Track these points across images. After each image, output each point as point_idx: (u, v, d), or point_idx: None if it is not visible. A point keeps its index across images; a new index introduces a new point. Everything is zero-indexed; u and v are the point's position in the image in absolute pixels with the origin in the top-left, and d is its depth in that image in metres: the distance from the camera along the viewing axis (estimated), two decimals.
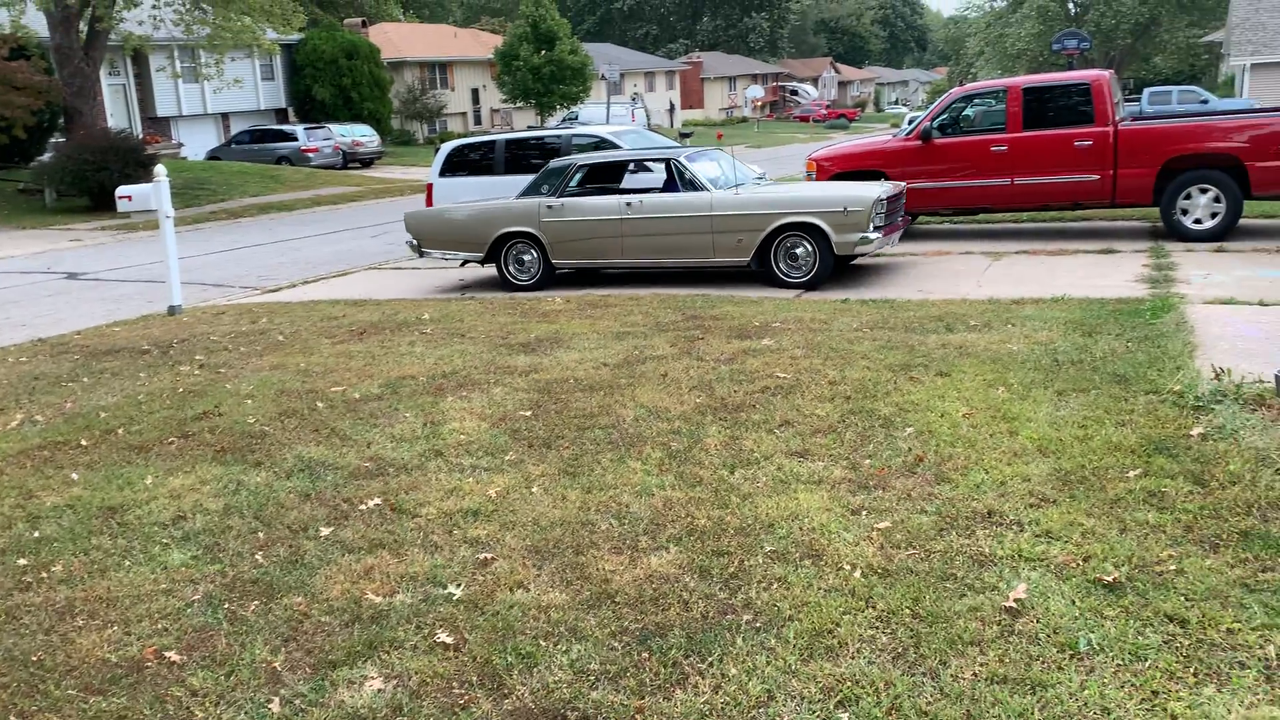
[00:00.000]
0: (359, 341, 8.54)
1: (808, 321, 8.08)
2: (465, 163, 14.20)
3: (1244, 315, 7.17)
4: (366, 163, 36.35)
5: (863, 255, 9.73)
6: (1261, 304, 7.53)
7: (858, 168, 12.25)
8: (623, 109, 38.33)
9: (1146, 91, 34.70)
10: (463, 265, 11.92)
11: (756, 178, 13.62)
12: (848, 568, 3.80)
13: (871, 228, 9.29)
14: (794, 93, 78.17)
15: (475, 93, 52.50)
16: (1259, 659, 3.05)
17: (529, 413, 6.06)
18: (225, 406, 6.65)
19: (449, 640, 3.50)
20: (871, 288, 9.56)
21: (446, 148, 14.55)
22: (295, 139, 34.31)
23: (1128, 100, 30.33)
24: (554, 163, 11.16)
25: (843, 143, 14.45)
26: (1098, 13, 48.24)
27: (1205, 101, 32.07)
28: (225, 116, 37.99)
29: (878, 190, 9.55)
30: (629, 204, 10.26)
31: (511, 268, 10.98)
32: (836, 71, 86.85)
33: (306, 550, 4.33)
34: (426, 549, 4.26)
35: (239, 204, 25.00)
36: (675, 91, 66.31)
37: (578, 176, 10.78)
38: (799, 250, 9.64)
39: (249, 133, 35.60)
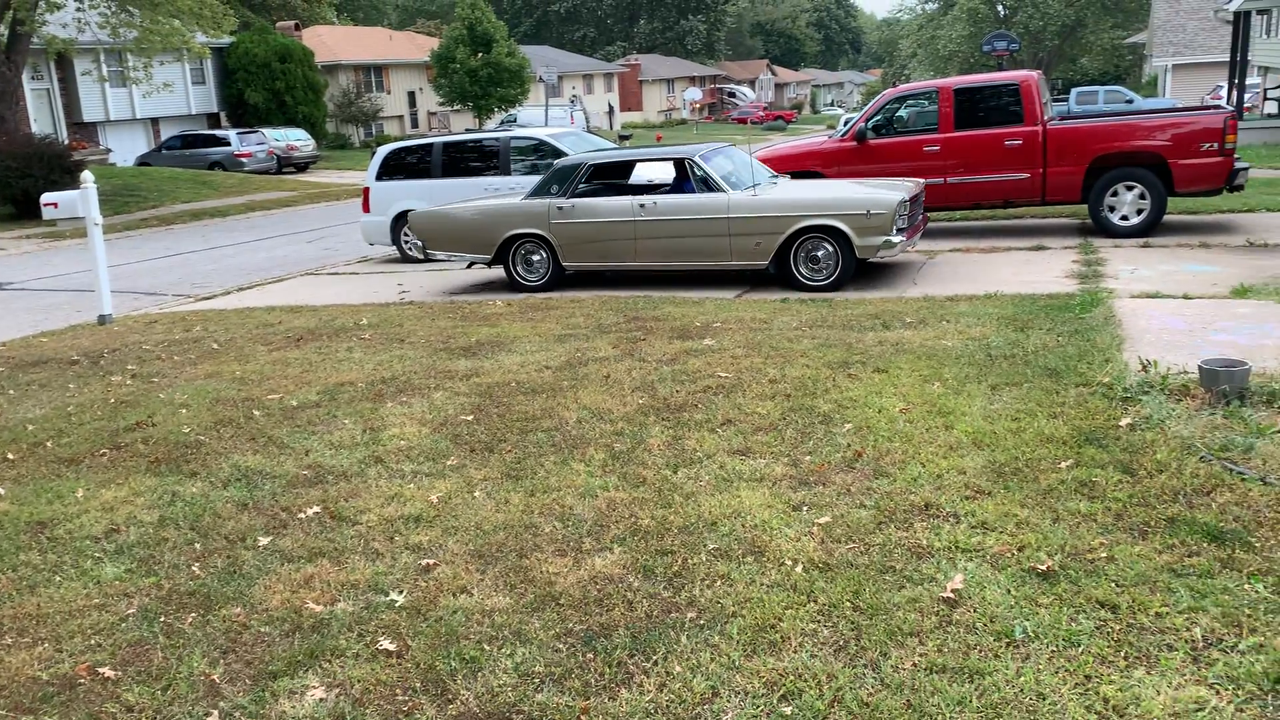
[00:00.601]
0: (296, 348, 8.42)
1: (748, 321, 8.14)
2: (402, 166, 14.06)
3: (1169, 308, 7.38)
4: (302, 167, 35.85)
5: (885, 258, 9.45)
6: (1186, 297, 7.75)
7: (795, 169, 12.35)
8: (561, 111, 38.31)
9: (1074, 91, 35.55)
10: (469, 267, 11.71)
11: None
12: (789, 563, 3.84)
13: (894, 230, 9.10)
14: (731, 95, 78.70)
15: (412, 95, 52.05)
16: (1186, 641, 3.14)
17: (470, 417, 6.02)
18: (159, 416, 6.52)
19: (391, 647, 3.47)
20: (809, 287, 9.64)
21: (383, 151, 14.39)
22: (228, 144, 33.70)
23: (1056, 100, 31.02)
24: (563, 162, 10.78)
25: (781, 144, 14.57)
26: (1026, 15, 49.31)
27: (1130, 101, 32.93)
28: (155, 121, 37.18)
29: (900, 193, 9.34)
30: (642, 205, 9.94)
31: (520, 269, 10.75)
32: (773, 73, 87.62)
33: (245, 560, 4.26)
34: (367, 556, 4.22)
35: (170, 210, 24.49)
36: (614, 94, 66.38)
37: (589, 176, 10.43)
38: (820, 253, 9.38)
39: (180, 138, 34.87)
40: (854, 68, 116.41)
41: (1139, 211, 11.04)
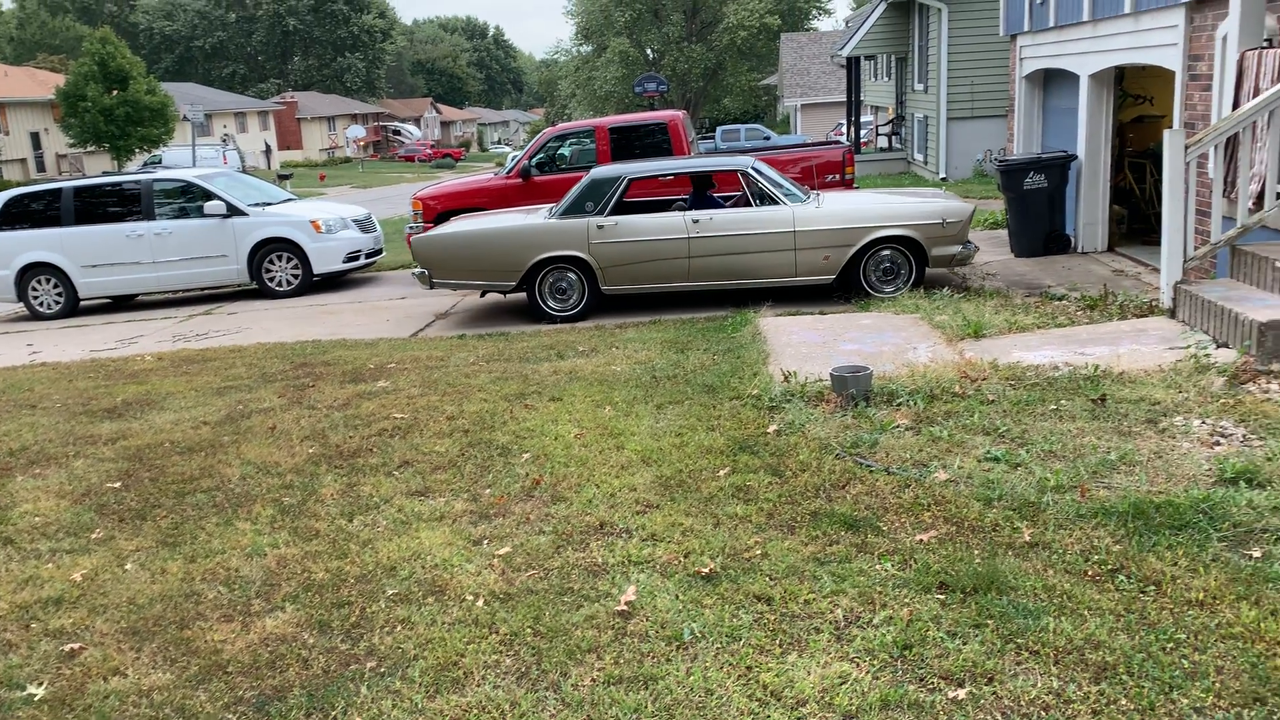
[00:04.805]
0: None
1: (424, 360, 8.07)
2: (27, 214, 12.73)
3: (806, 323, 8.12)
4: None
5: (958, 267, 9.35)
6: (821, 313, 8.57)
7: (463, 205, 12.42)
8: (213, 151, 36.12)
9: (719, 129, 38.32)
10: (483, 296, 10.64)
11: (361, 217, 13.42)
12: (470, 598, 3.84)
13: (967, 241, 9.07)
14: (397, 132, 77.67)
15: (36, 137, 46.99)
16: (830, 622, 3.47)
17: (118, 484, 5.53)
18: None
19: None
20: (486, 323, 9.72)
21: (1, 198, 12.93)
22: None
23: (703, 138, 33.28)
24: (598, 173, 9.65)
25: (448, 181, 14.60)
26: (672, 58, 52.62)
27: (768, 138, 35.95)
28: None
29: (968, 203, 9.32)
30: (696, 221, 9.22)
31: (550, 299, 9.63)
32: (438, 112, 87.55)
33: None
34: None
35: None
36: (271, 132, 63.46)
37: (627, 191, 9.58)
38: (890, 265, 9.11)
39: None
40: (518, 106, 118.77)
41: None
